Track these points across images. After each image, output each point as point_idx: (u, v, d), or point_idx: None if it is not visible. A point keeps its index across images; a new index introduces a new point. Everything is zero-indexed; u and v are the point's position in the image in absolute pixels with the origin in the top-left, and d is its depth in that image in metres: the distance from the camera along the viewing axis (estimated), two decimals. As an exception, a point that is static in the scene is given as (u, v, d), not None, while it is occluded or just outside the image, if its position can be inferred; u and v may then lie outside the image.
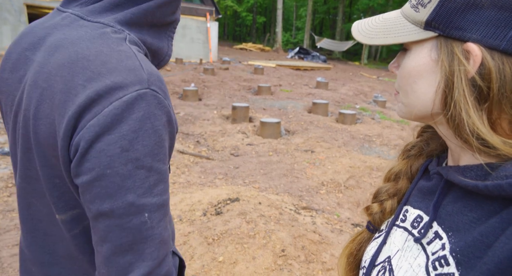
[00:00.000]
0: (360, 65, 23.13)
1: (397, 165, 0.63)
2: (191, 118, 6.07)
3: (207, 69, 10.79)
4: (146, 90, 0.56)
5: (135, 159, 0.54)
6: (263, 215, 2.82)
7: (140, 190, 0.55)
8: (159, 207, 0.57)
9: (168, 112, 0.59)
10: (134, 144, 0.54)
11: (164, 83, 0.61)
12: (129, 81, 0.55)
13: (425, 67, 0.47)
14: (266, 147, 4.98)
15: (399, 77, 0.52)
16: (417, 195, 0.56)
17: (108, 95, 0.53)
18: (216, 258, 2.35)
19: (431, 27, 0.46)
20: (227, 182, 3.80)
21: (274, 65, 14.59)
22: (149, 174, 0.56)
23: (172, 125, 0.61)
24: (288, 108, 7.41)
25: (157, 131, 0.56)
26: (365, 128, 6.22)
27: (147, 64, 0.60)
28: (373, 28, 0.53)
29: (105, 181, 0.53)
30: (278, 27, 25.33)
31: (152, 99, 0.56)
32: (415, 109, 0.50)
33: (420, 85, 0.48)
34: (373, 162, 4.50)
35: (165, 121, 0.58)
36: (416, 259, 0.48)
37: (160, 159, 0.57)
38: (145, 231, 0.56)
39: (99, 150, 0.53)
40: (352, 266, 0.67)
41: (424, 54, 0.48)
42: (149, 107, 0.56)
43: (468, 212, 0.44)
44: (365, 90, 10.93)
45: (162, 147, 0.58)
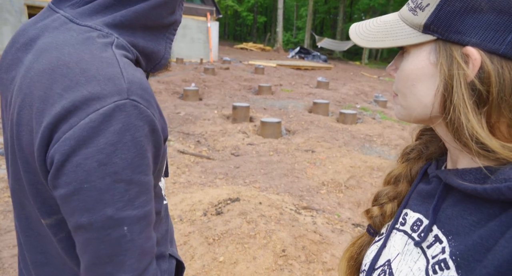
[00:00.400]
0: (361, 65, 23.12)
1: (396, 168, 0.63)
2: (192, 118, 6.07)
3: (208, 68, 10.78)
4: (125, 101, 0.54)
5: (113, 173, 0.53)
6: (264, 215, 2.82)
7: (120, 204, 0.54)
8: (139, 219, 0.57)
9: (151, 121, 0.57)
10: (112, 158, 0.53)
11: (148, 91, 0.59)
12: (107, 91, 0.53)
13: (424, 70, 0.47)
14: (266, 147, 4.98)
15: (397, 80, 0.52)
16: (417, 198, 0.56)
17: (85, 106, 0.52)
18: (216, 258, 2.34)
19: (429, 31, 0.46)
20: (227, 182, 3.80)
21: (274, 65, 14.58)
22: (129, 187, 0.55)
23: (156, 134, 0.59)
24: (289, 108, 7.41)
25: (138, 143, 0.55)
26: (365, 128, 6.22)
27: (129, 72, 0.58)
28: (371, 31, 0.53)
29: (83, 195, 0.53)
30: (279, 26, 25.32)
31: (132, 110, 0.54)
32: (414, 112, 0.50)
33: (419, 88, 0.48)
34: (373, 162, 4.49)
35: (147, 131, 0.56)
36: (416, 263, 0.48)
37: (142, 171, 0.56)
38: (125, 244, 0.56)
39: (76, 164, 0.52)
40: (352, 269, 0.67)
41: (423, 57, 0.47)
42: (129, 119, 0.54)
43: (468, 216, 0.44)
44: (366, 90, 10.92)
45: (144, 158, 0.56)
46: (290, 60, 19.39)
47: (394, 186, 0.62)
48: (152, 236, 0.61)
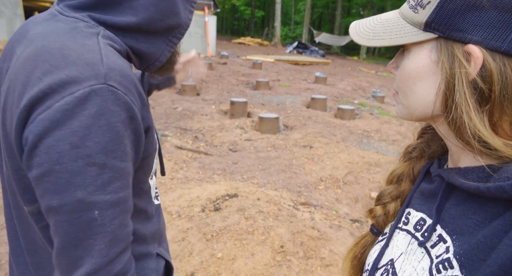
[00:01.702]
0: (359, 60, 23.09)
1: (399, 168, 0.63)
2: (189, 113, 6.05)
3: (205, 63, 10.73)
4: (102, 85, 0.55)
5: (86, 156, 0.53)
6: (262, 211, 2.82)
7: (91, 188, 0.54)
8: (112, 205, 0.57)
9: (130, 108, 0.58)
10: (86, 141, 0.53)
11: (128, 78, 0.59)
12: (84, 76, 0.54)
13: (425, 68, 0.47)
14: (264, 143, 4.97)
15: (398, 78, 0.51)
16: (419, 197, 0.56)
17: (61, 89, 0.53)
18: (215, 254, 2.34)
19: (430, 29, 0.45)
20: (225, 178, 3.79)
21: (272, 60, 14.53)
22: (102, 171, 0.55)
23: (135, 122, 0.59)
24: (287, 103, 7.39)
25: (113, 128, 0.55)
26: (363, 124, 6.22)
27: (110, 58, 0.58)
28: (371, 29, 0.52)
29: (54, 177, 0.53)
30: (277, 21, 25.19)
31: (109, 95, 0.55)
32: (415, 111, 0.49)
33: (420, 87, 0.48)
34: (371, 157, 4.50)
35: (125, 118, 0.57)
36: (420, 263, 0.48)
37: (117, 157, 0.56)
38: (95, 228, 0.55)
39: (48, 146, 0.52)
40: (356, 269, 0.67)
41: (424, 56, 0.47)
42: (105, 103, 0.54)
43: (472, 215, 0.44)
44: (364, 85, 10.91)
45: (120, 144, 0.56)
46: (288, 55, 19.33)
47: (396, 185, 0.62)
48: (128, 224, 0.61)
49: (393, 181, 0.63)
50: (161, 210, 0.92)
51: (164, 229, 0.96)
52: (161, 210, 0.92)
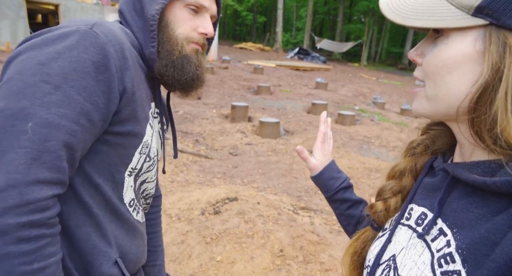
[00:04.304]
0: (360, 67, 23.17)
1: (401, 163, 0.62)
2: (190, 117, 6.06)
3: (207, 68, 10.74)
4: (87, 28, 0.63)
5: (46, 74, 0.58)
6: (262, 215, 2.82)
7: (37, 101, 0.56)
8: (50, 125, 0.56)
9: (106, 57, 0.63)
10: (51, 62, 0.58)
11: (117, 38, 0.66)
12: (78, 23, 0.64)
13: (465, 58, 0.42)
14: (265, 147, 4.97)
15: (427, 65, 0.47)
16: (422, 192, 0.55)
17: (55, 29, 0.63)
18: (214, 257, 2.34)
19: (482, 14, 0.41)
20: (225, 182, 3.79)
21: (273, 65, 14.58)
22: (54, 91, 0.58)
23: (110, 73, 0.63)
24: (287, 108, 7.41)
25: (82, 62, 0.60)
26: (364, 130, 6.23)
27: (109, 25, 0.67)
28: (408, 6, 0.46)
29: (10, 84, 0.57)
30: (278, 27, 25.32)
31: (89, 37, 0.62)
32: (442, 103, 0.46)
33: (455, 77, 0.43)
34: (371, 163, 4.50)
35: (97, 61, 0.61)
36: (421, 257, 0.47)
37: (75, 87, 0.59)
38: (22, 141, 0.54)
39: (20, 60, 0.59)
40: (356, 264, 0.66)
41: (467, 43, 0.42)
42: (83, 41, 0.61)
43: (474, 209, 0.43)
44: (365, 92, 10.94)
45: (83, 79, 0.60)
46: (289, 60, 19.40)
47: (398, 180, 0.61)
48: (62, 157, 0.58)
49: (394, 176, 0.62)
50: (143, 237, 0.85)
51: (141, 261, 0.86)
52: (142, 237, 0.85)
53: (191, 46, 0.81)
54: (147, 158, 0.79)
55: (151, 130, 0.79)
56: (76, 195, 0.67)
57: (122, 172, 0.73)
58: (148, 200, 0.92)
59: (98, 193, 0.70)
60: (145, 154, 0.78)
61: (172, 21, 0.78)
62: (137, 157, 0.75)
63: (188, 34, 0.79)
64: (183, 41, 0.79)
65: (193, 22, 0.79)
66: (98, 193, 0.70)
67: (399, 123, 7.11)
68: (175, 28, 0.78)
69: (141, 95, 0.73)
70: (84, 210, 0.68)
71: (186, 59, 0.80)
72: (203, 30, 0.80)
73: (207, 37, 0.83)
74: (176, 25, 0.78)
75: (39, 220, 0.55)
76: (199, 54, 0.84)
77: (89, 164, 0.68)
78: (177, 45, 0.78)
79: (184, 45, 0.79)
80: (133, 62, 0.70)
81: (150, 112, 0.79)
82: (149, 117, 0.78)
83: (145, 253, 0.88)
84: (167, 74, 0.79)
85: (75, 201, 0.67)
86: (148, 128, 0.77)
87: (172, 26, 0.78)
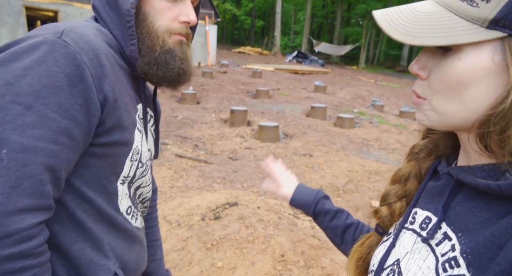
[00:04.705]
0: (358, 69, 23.23)
1: (405, 167, 0.61)
2: (189, 122, 6.06)
3: (206, 72, 10.78)
4: (55, 38, 0.58)
5: (15, 94, 0.54)
6: (262, 220, 2.81)
7: (9, 125, 0.53)
8: (26, 150, 0.53)
9: (80, 67, 0.58)
10: (20, 80, 0.55)
11: (90, 44, 0.62)
12: (45, 32, 0.60)
13: (484, 71, 0.41)
14: (264, 151, 4.97)
15: (437, 81, 0.45)
16: (426, 196, 0.54)
17: (22, 40, 0.59)
18: (215, 263, 2.33)
19: (498, 26, 0.39)
20: (225, 186, 3.78)
21: (272, 69, 14.61)
22: (26, 112, 0.54)
23: (85, 84, 0.59)
24: (287, 112, 7.41)
25: (52, 76, 0.56)
26: (363, 132, 6.23)
27: (80, 29, 0.62)
28: (412, 23, 0.44)
29: None
30: (277, 31, 25.41)
31: (59, 47, 0.58)
32: (453, 118, 0.44)
33: (473, 91, 0.42)
34: (371, 166, 4.49)
35: (70, 73, 0.57)
36: (425, 261, 0.47)
37: (49, 105, 0.55)
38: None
39: None
40: (361, 269, 0.65)
41: (484, 57, 0.41)
42: (52, 53, 0.57)
43: (479, 213, 0.43)
44: (363, 94, 10.96)
45: (55, 95, 0.56)
46: (287, 64, 19.45)
47: (403, 185, 0.60)
48: (43, 181, 0.55)
49: (399, 181, 0.61)
50: (142, 243, 0.84)
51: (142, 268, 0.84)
52: (142, 243, 0.83)
53: (173, 38, 0.75)
54: (139, 164, 0.76)
55: (140, 135, 0.76)
56: (68, 213, 0.65)
57: (114, 182, 0.71)
58: (146, 203, 0.90)
59: (92, 207, 0.67)
60: (137, 161, 0.75)
61: (150, 13, 0.72)
62: (128, 165, 0.72)
63: (169, 25, 0.73)
64: (164, 34, 0.73)
65: (172, 11, 0.73)
66: (91, 207, 0.67)
67: (398, 125, 7.12)
68: (154, 20, 0.72)
69: (125, 100, 0.69)
70: (77, 226, 0.66)
71: (169, 54, 0.74)
72: (185, 19, 0.74)
73: (190, 25, 0.76)
74: (155, 17, 0.72)
75: (24, 251, 0.53)
76: (183, 45, 0.77)
77: (79, 179, 0.65)
78: (158, 39, 0.72)
79: (166, 38, 0.73)
80: (111, 67, 0.66)
81: (137, 116, 0.75)
82: (136, 121, 0.74)
83: (145, 259, 0.87)
84: (151, 72, 0.73)
85: (67, 218, 0.65)
86: (137, 134, 0.73)
87: (150, 19, 0.72)
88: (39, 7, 11.49)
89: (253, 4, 34.98)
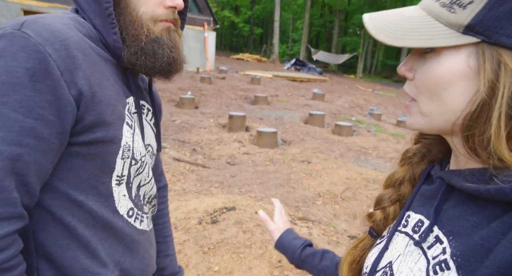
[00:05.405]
0: (356, 78, 23.40)
1: (398, 172, 0.62)
2: (188, 126, 6.05)
3: (204, 77, 10.80)
4: (14, 30, 0.53)
5: None
6: (260, 225, 2.79)
7: None
8: None
9: (44, 60, 0.53)
10: None
11: (56, 34, 0.56)
12: (6, 25, 0.55)
13: (460, 74, 0.43)
14: (262, 157, 4.96)
15: (420, 83, 0.47)
16: (419, 200, 0.55)
17: None
18: (211, 267, 2.30)
19: (473, 32, 0.41)
20: (223, 191, 3.76)
21: (271, 76, 14.68)
22: None
23: (52, 79, 0.53)
24: (285, 119, 7.43)
25: (11, 72, 0.51)
26: (361, 140, 6.25)
27: (48, 20, 0.57)
28: (396, 26, 0.46)
29: None
30: (275, 38, 25.59)
31: (18, 40, 0.52)
32: (436, 119, 0.46)
33: (450, 94, 0.44)
34: (369, 174, 4.50)
35: (32, 67, 0.52)
36: (417, 264, 0.47)
37: (8, 103, 0.50)
38: None
39: None
40: (354, 272, 0.65)
41: (460, 61, 0.42)
42: (10, 46, 0.52)
43: (469, 216, 0.44)
44: (361, 103, 11.02)
45: (15, 92, 0.50)
46: (286, 71, 19.55)
47: (396, 189, 0.61)
48: (7, 187, 0.50)
49: (392, 185, 0.62)
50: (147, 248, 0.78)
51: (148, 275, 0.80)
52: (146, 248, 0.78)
53: (160, 26, 0.69)
54: (132, 162, 0.70)
55: (131, 130, 0.70)
56: (55, 218, 0.61)
57: (107, 182, 0.66)
58: (153, 202, 0.85)
59: (83, 211, 0.63)
60: (129, 158, 0.69)
61: (132, 0, 0.66)
62: (120, 163, 0.67)
63: (153, 12, 0.67)
64: (149, 21, 0.67)
65: None
66: (83, 211, 0.63)
67: (395, 135, 7.15)
68: (137, 7, 0.66)
69: (107, 93, 0.64)
70: (67, 232, 0.62)
71: (156, 42, 0.68)
72: (170, 3, 0.68)
73: (178, 10, 0.70)
74: (137, 3, 0.66)
75: None
76: (171, 32, 0.71)
77: (64, 182, 0.61)
78: (142, 27, 0.67)
79: (151, 26, 0.68)
80: (86, 58, 0.60)
81: (126, 109, 0.69)
82: (125, 116, 0.68)
83: (152, 264, 0.82)
84: (139, 63, 0.69)
85: (54, 225, 0.61)
86: (126, 129, 0.68)
87: (133, 6, 0.66)
88: (37, 10, 11.51)
89: (252, 12, 35.28)
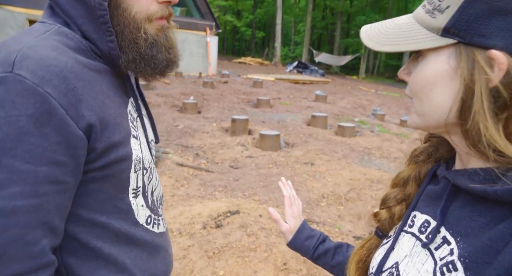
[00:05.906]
0: (358, 79, 23.35)
1: (405, 171, 0.62)
2: (190, 131, 6.07)
3: (207, 82, 10.84)
4: (7, 74, 0.49)
5: None
6: (264, 228, 2.78)
7: None
8: (4, 213, 0.47)
9: (45, 102, 0.50)
10: None
11: (51, 69, 0.52)
12: None
13: (443, 74, 0.45)
14: (265, 160, 4.96)
15: (412, 84, 0.50)
16: (425, 200, 0.55)
17: None
18: (216, 272, 2.30)
19: (449, 34, 0.44)
20: (226, 195, 3.76)
21: (273, 79, 14.70)
22: None
23: (56, 118, 0.51)
24: (287, 121, 7.42)
25: (13, 122, 0.48)
26: (364, 141, 6.22)
27: (36, 49, 0.52)
28: (384, 33, 0.50)
29: None
30: (277, 41, 25.65)
31: (13, 85, 0.48)
32: (430, 119, 0.48)
33: (436, 93, 0.46)
34: (373, 174, 4.47)
35: (34, 112, 0.49)
36: (424, 265, 0.47)
37: (17, 156, 0.48)
38: None
39: None
40: (361, 272, 0.66)
41: (442, 62, 0.45)
42: (6, 94, 0.48)
43: (477, 217, 0.44)
44: (364, 104, 10.99)
45: (22, 142, 0.48)
46: (288, 74, 19.56)
47: (402, 188, 0.61)
48: (31, 241, 0.50)
49: (399, 184, 0.62)
50: (166, 248, 0.81)
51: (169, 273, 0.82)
52: (165, 248, 0.80)
53: (155, 25, 0.65)
54: (144, 172, 0.71)
55: (137, 141, 0.69)
56: (81, 244, 0.62)
57: (125, 197, 0.66)
58: (162, 201, 0.87)
59: (107, 231, 0.64)
60: (141, 169, 0.70)
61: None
62: (134, 177, 0.67)
63: (147, 10, 0.63)
64: (144, 22, 0.63)
65: None
66: (106, 231, 0.64)
67: (399, 134, 7.11)
68: (129, 7, 0.61)
69: (111, 113, 0.61)
70: (94, 255, 0.63)
71: (155, 47, 0.65)
72: None
73: (171, 4, 0.66)
74: (129, 2, 0.61)
75: None
76: (166, 31, 0.68)
77: (85, 209, 0.61)
78: (138, 29, 0.63)
79: (147, 27, 0.64)
80: (86, 83, 0.57)
81: (129, 121, 0.68)
82: (130, 129, 0.67)
83: (171, 260, 0.85)
84: (138, 69, 0.66)
85: (81, 250, 0.62)
86: (133, 142, 0.67)
87: (125, 6, 0.61)
88: (42, 19, 11.65)
89: (254, 16, 35.41)
